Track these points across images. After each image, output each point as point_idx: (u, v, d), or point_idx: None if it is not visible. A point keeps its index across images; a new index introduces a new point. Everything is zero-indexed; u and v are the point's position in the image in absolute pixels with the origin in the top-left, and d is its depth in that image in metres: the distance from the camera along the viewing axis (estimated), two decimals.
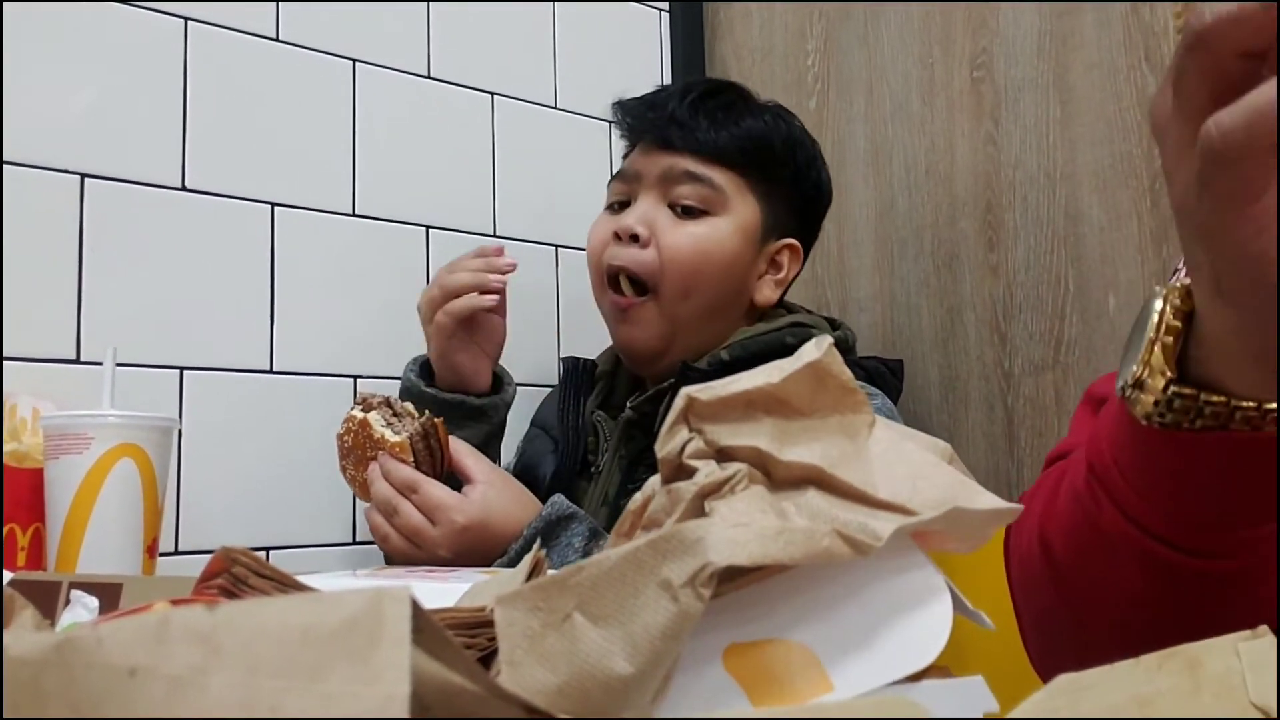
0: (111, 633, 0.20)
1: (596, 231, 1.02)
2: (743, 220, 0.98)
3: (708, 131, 0.97)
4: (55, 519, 0.80)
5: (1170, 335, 0.42)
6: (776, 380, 0.36)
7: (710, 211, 0.97)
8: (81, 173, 0.99)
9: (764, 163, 0.99)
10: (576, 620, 0.29)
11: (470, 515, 0.84)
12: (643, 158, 1.00)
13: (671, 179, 0.97)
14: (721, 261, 0.97)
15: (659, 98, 1.01)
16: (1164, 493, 0.45)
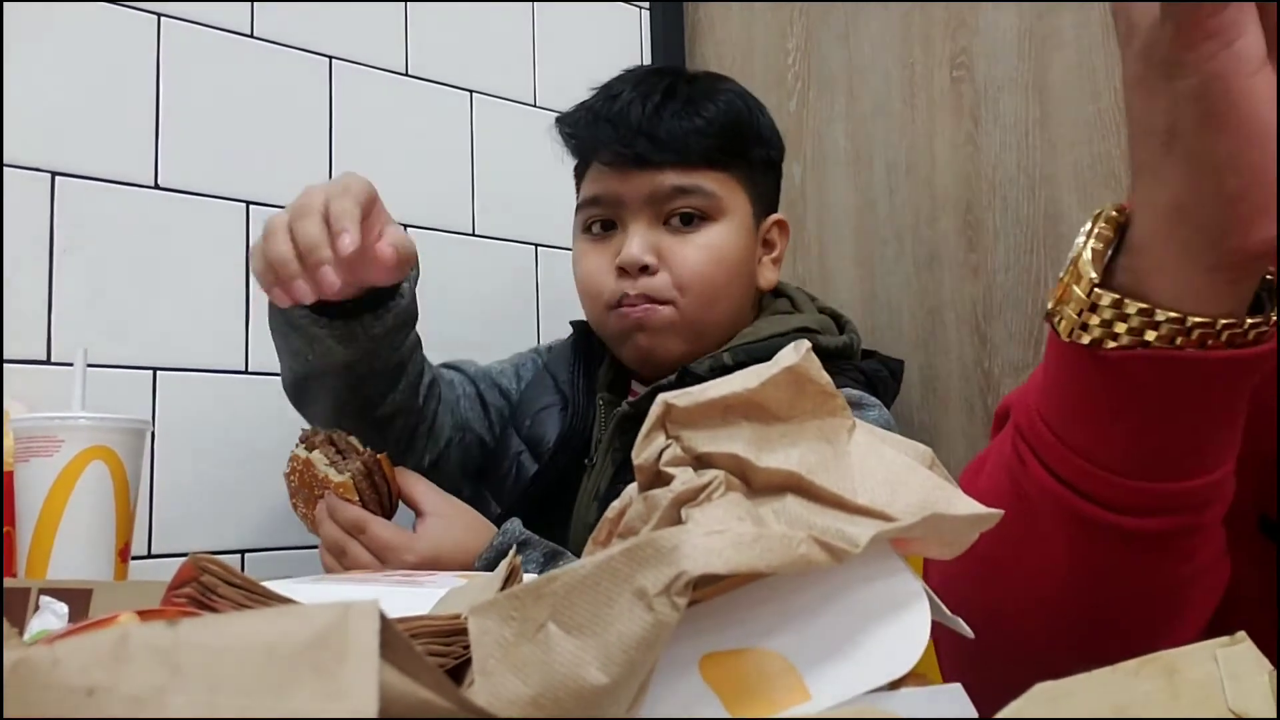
0: (68, 652, 0.19)
1: (590, 263, 0.97)
2: (740, 216, 0.96)
3: (683, 139, 0.92)
4: (26, 523, 0.79)
5: (1099, 242, 0.42)
6: (754, 385, 0.35)
7: (709, 217, 0.94)
8: (52, 170, 0.98)
9: (739, 149, 0.96)
10: (550, 630, 0.28)
11: (420, 553, 0.83)
12: (619, 180, 0.94)
13: (661, 198, 0.93)
14: (734, 264, 0.95)
15: (613, 110, 0.94)
16: (1089, 433, 0.43)
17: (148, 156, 1.03)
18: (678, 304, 0.93)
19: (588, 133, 0.97)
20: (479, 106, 1.27)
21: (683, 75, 0.99)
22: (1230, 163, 0.37)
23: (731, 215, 0.95)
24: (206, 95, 1.07)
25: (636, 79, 0.97)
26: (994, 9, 1.14)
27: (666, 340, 0.94)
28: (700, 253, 0.93)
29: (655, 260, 0.93)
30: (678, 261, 0.93)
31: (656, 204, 0.94)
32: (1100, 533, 0.44)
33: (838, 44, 1.28)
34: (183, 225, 1.05)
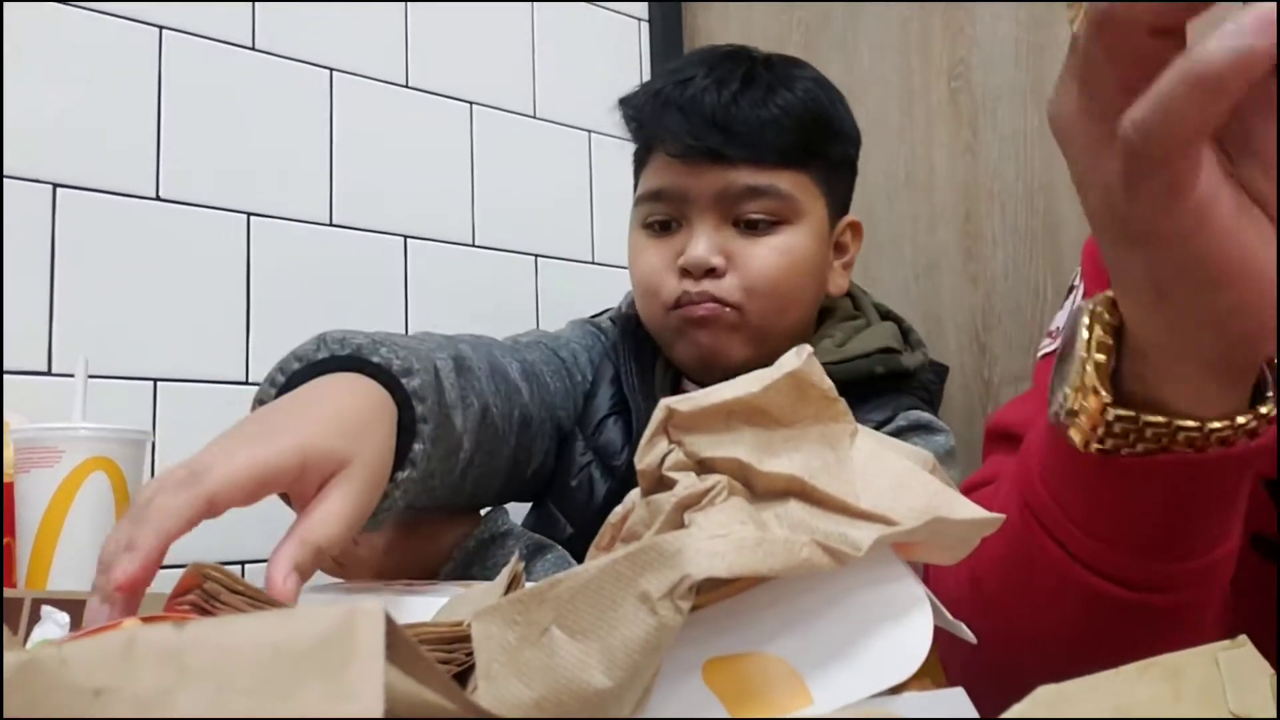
0: (76, 653, 0.19)
1: (649, 261, 0.90)
2: (815, 220, 0.89)
3: (760, 133, 0.85)
4: (26, 534, 0.79)
5: (1102, 353, 0.40)
6: (756, 390, 0.36)
7: (783, 220, 0.87)
8: (54, 182, 0.98)
9: (818, 147, 0.89)
10: (554, 633, 0.29)
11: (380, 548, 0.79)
12: (686, 173, 0.87)
13: (731, 198, 0.86)
14: (808, 271, 0.89)
15: (684, 96, 0.86)
16: (1109, 524, 0.43)
17: (149, 168, 1.04)
18: (744, 308, 0.87)
19: (654, 119, 0.88)
20: (479, 118, 1.27)
21: (759, 59, 0.90)
22: (1232, 314, 0.35)
23: (806, 219, 0.88)
24: (208, 107, 1.08)
25: (711, 62, 0.89)
26: (992, 18, 1.14)
27: (729, 342, 0.88)
28: (772, 256, 0.86)
29: (723, 262, 0.86)
30: (747, 264, 0.86)
31: (727, 203, 0.86)
32: (1111, 603, 0.45)
33: (836, 52, 1.29)
34: (184, 237, 1.05)
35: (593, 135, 1.36)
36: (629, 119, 0.92)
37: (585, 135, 1.36)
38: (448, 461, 0.70)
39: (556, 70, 1.35)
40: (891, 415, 0.87)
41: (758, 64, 0.90)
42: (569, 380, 0.93)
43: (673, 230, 0.89)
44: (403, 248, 1.20)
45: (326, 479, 0.55)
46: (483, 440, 0.75)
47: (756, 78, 0.87)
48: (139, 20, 1.04)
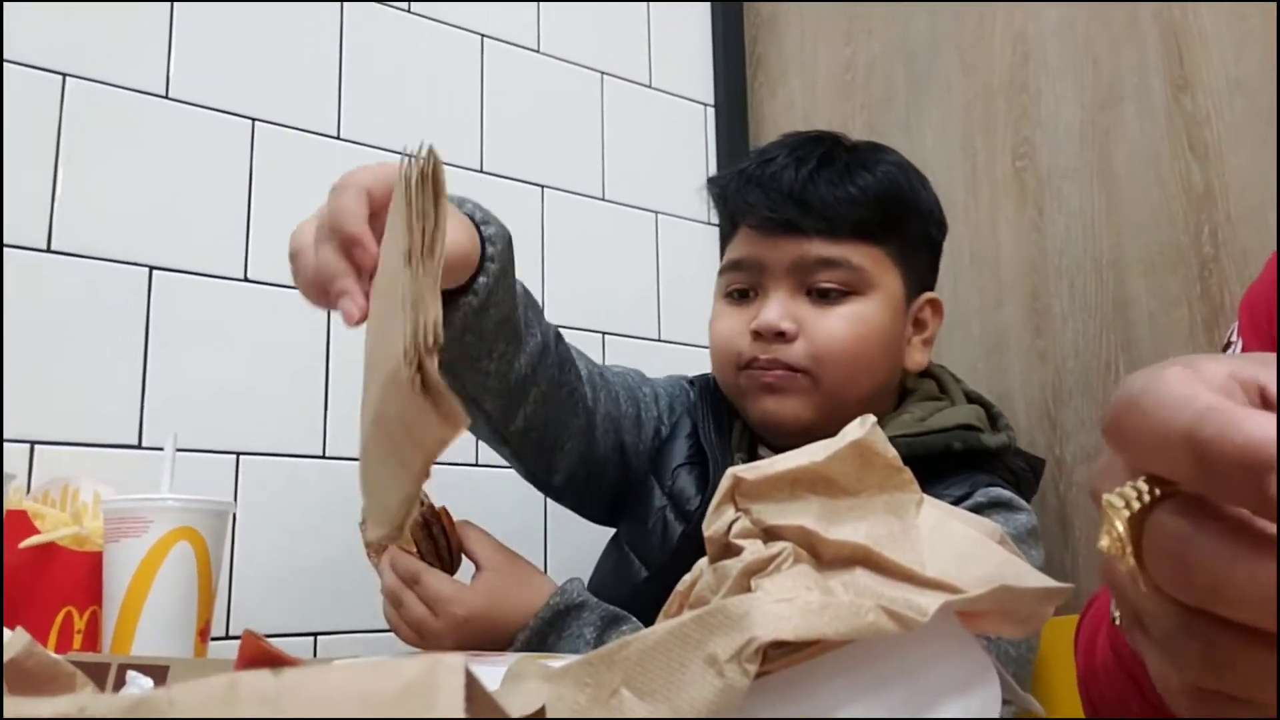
0: (183, 695, 0.20)
1: (725, 325, 0.94)
2: (889, 293, 0.91)
3: (834, 208, 0.88)
4: (112, 601, 0.81)
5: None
6: (821, 459, 0.36)
7: (855, 292, 0.90)
8: (150, 265, 1.04)
9: (894, 224, 0.92)
10: (624, 695, 0.29)
11: (471, 607, 0.82)
12: (764, 244, 0.91)
13: (805, 268, 0.89)
14: (879, 342, 0.90)
15: (765, 173, 0.91)
16: None
17: (239, 250, 1.09)
18: (813, 373, 0.89)
19: (737, 195, 0.93)
20: (550, 200, 1.31)
21: (843, 143, 0.95)
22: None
23: (879, 291, 0.91)
24: (294, 193, 1.13)
25: (794, 144, 0.94)
26: (1056, 100, 1.15)
27: (797, 407, 0.90)
28: (841, 324, 0.89)
29: (793, 327, 0.89)
30: (816, 331, 0.89)
31: (800, 273, 0.90)
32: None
33: (900, 134, 1.31)
34: (268, 316, 1.09)
35: (659, 216, 1.39)
36: (716, 197, 0.97)
37: (653, 216, 1.39)
38: (505, 327, 0.79)
39: (625, 154, 1.39)
40: (969, 492, 0.87)
41: (841, 147, 0.94)
42: (639, 409, 0.99)
43: (750, 299, 0.93)
44: None
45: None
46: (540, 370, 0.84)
47: (835, 158, 0.92)
48: (233, 113, 1.10)
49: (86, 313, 1.00)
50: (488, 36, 1.30)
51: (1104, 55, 1.12)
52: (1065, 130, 1.14)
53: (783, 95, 1.47)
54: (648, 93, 1.43)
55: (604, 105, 1.38)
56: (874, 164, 0.92)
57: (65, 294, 0.99)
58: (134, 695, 0.20)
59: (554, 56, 1.35)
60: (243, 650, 0.44)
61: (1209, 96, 1.02)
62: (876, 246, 0.91)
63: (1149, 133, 1.07)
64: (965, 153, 1.24)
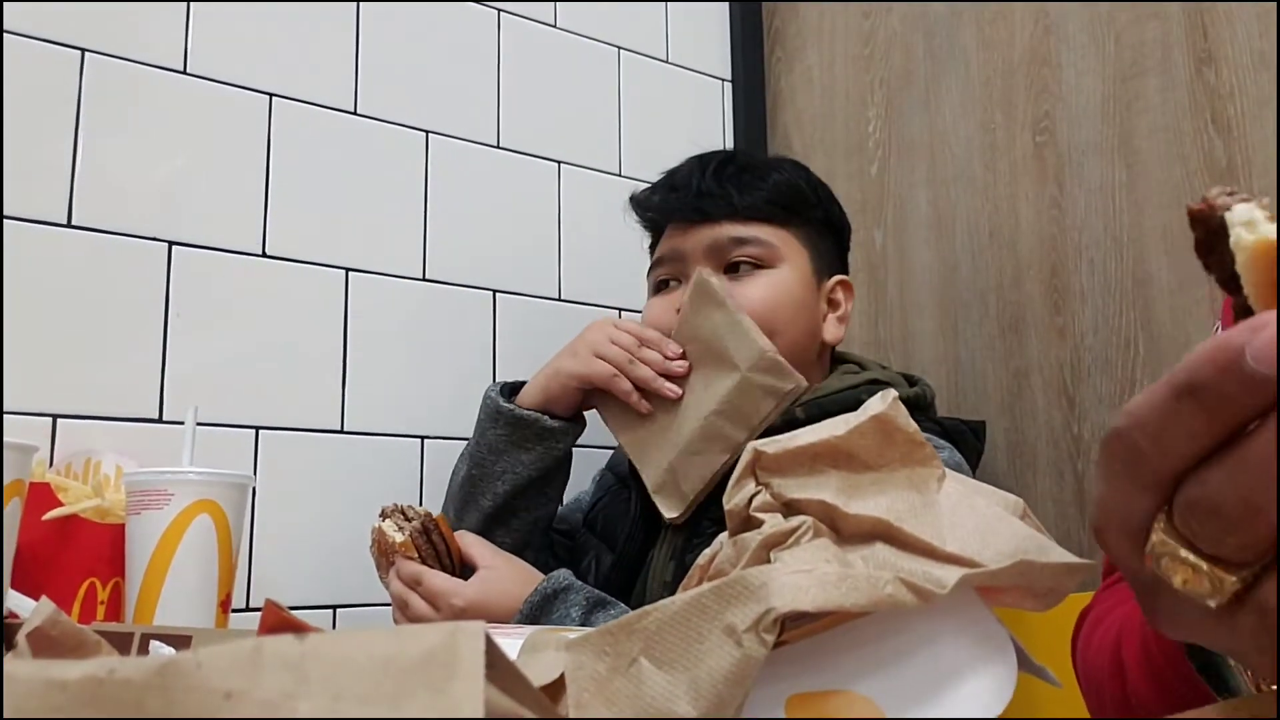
0: (210, 658, 0.21)
1: (655, 312, 1.04)
2: (796, 265, 1.00)
3: (741, 196, 1.00)
4: (135, 573, 0.83)
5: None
6: (842, 433, 0.36)
7: (767, 265, 0.99)
8: (170, 240, 1.04)
9: (798, 209, 1.02)
10: (642, 664, 0.30)
11: (468, 598, 0.88)
12: (681, 236, 1.02)
13: (719, 248, 1.00)
14: (792, 306, 0.99)
15: (676, 179, 1.04)
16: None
17: (257, 226, 1.09)
18: None
19: (657, 204, 1.05)
20: (566, 176, 1.31)
21: (750, 155, 1.07)
22: None
23: (789, 263, 1.00)
24: (312, 169, 1.13)
25: (708, 156, 1.05)
26: (1076, 75, 1.14)
27: None
28: (758, 291, 0.98)
29: None
30: (736, 302, 0.96)
31: (717, 253, 1.00)
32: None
33: (919, 110, 1.30)
34: (287, 291, 1.10)
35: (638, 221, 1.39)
36: (638, 212, 1.08)
37: None
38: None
39: (642, 130, 1.38)
40: None
41: (742, 154, 1.07)
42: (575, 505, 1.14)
43: (673, 287, 1.03)
44: (492, 301, 1.23)
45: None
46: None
47: (734, 159, 1.04)
48: (251, 88, 1.10)
49: (107, 288, 1.00)
50: (505, 11, 1.29)
51: (1126, 28, 1.10)
52: (1086, 105, 1.13)
53: (800, 70, 1.46)
54: (665, 68, 1.42)
55: (621, 81, 1.38)
56: (773, 166, 1.04)
57: (85, 269, 0.99)
58: (162, 657, 0.21)
59: (571, 31, 1.34)
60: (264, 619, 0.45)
61: (1233, 70, 1.01)
62: (782, 228, 1.01)
63: (1171, 107, 1.06)
64: (985, 127, 1.23)
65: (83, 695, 0.21)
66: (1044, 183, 1.16)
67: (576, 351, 1.00)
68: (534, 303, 1.26)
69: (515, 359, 1.24)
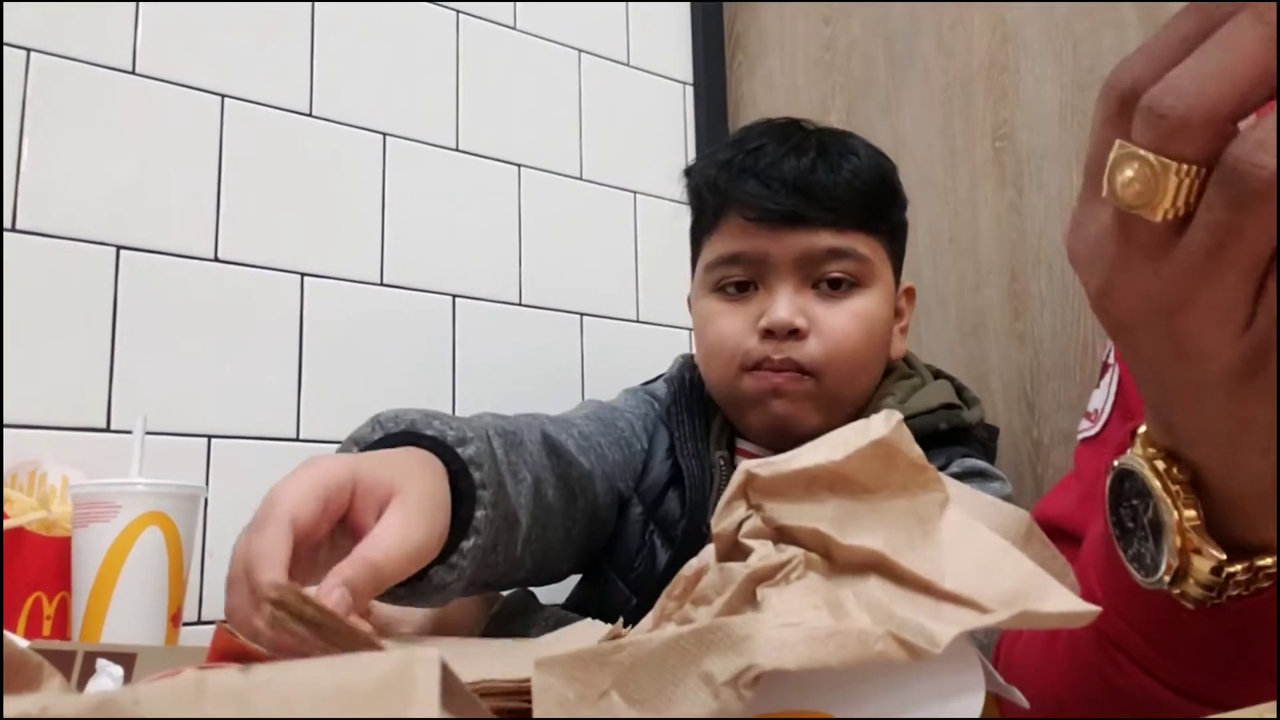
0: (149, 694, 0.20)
1: (727, 324, 0.90)
2: (886, 284, 0.91)
3: (840, 197, 0.87)
4: (81, 587, 0.80)
5: (1191, 508, 0.38)
6: (840, 458, 0.34)
7: (860, 283, 0.89)
8: (118, 244, 1.02)
9: (886, 212, 0.91)
10: (614, 698, 0.29)
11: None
12: (766, 237, 0.87)
13: (813, 260, 0.87)
14: (881, 338, 0.90)
15: (759, 164, 0.88)
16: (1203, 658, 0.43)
17: (209, 230, 1.07)
18: (822, 375, 0.87)
19: (731, 186, 0.88)
20: (526, 180, 1.30)
21: (815, 130, 0.92)
22: None
23: (879, 282, 0.90)
24: (265, 172, 1.11)
25: (775, 133, 0.91)
26: (1035, 81, 1.15)
27: (804, 411, 0.87)
28: (852, 322, 0.87)
29: (806, 323, 0.87)
30: (829, 329, 0.87)
31: (807, 266, 0.87)
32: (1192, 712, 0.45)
33: (879, 116, 1.30)
34: (240, 297, 1.08)
35: (638, 196, 1.38)
36: (702, 187, 0.92)
37: (630, 196, 1.38)
38: (510, 534, 0.69)
39: (603, 133, 1.37)
40: (946, 464, 0.86)
41: (821, 134, 0.91)
42: (627, 450, 0.93)
43: (749, 293, 0.90)
44: (451, 306, 1.22)
45: (382, 505, 0.57)
46: (538, 514, 0.74)
47: (827, 147, 0.89)
48: (202, 89, 1.08)
49: (53, 293, 0.97)
50: (464, 13, 1.28)
51: (1084, 37, 1.11)
52: (1045, 111, 1.14)
53: (762, 74, 1.46)
54: (626, 71, 1.42)
55: (582, 84, 1.37)
56: (857, 150, 0.90)
57: (31, 274, 0.97)
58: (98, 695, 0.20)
59: (531, 34, 1.33)
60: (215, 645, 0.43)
61: None
62: (873, 236, 0.89)
63: None
64: (944, 133, 1.23)
65: None
66: (1003, 188, 1.17)
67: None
68: (494, 308, 1.24)
69: (475, 365, 1.22)
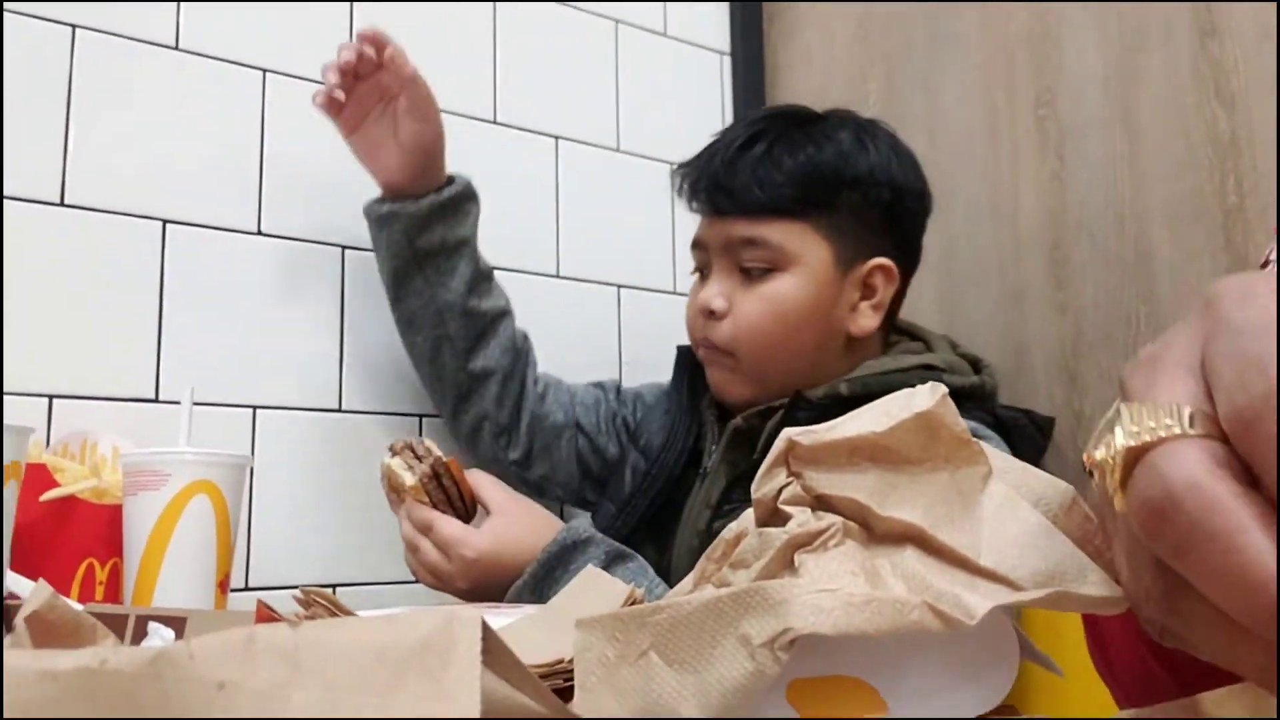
0: (202, 648, 0.20)
1: (690, 303, 1.03)
2: (812, 265, 0.95)
3: (752, 190, 0.94)
4: (132, 554, 0.82)
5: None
6: (882, 429, 0.34)
7: (778, 268, 0.95)
8: (164, 218, 1.03)
9: (818, 198, 0.95)
10: (652, 658, 0.29)
11: (479, 549, 0.87)
12: (706, 226, 1.00)
13: (731, 246, 0.97)
14: (798, 314, 0.95)
15: (703, 160, 0.99)
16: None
17: (252, 204, 1.08)
18: (736, 354, 0.97)
19: (684, 179, 1.01)
20: (564, 151, 1.30)
21: (785, 125, 0.98)
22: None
23: (802, 266, 0.95)
24: (306, 147, 1.12)
25: (736, 131, 0.99)
26: (1078, 49, 1.13)
27: (731, 383, 0.99)
28: (759, 304, 0.95)
29: (725, 306, 0.97)
30: (739, 311, 0.96)
31: (730, 251, 0.97)
32: None
33: (918, 86, 1.29)
34: (283, 269, 1.09)
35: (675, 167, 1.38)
36: (678, 186, 1.03)
37: (667, 168, 1.37)
38: (463, 252, 1.06)
39: (640, 104, 1.37)
40: None
41: (783, 122, 0.98)
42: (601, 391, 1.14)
43: (705, 276, 1.01)
44: None
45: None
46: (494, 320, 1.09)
47: (762, 137, 0.96)
48: (245, 64, 1.09)
49: (101, 267, 0.99)
50: None
51: (1128, 2, 1.09)
52: (1088, 78, 1.12)
53: (799, 44, 1.45)
54: (663, 41, 1.41)
55: (618, 54, 1.36)
56: (809, 141, 0.95)
57: (79, 248, 0.99)
58: (154, 648, 0.21)
59: (567, 3, 1.33)
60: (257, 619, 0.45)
61: (1237, 43, 1.00)
62: (798, 221, 0.95)
63: (1174, 80, 1.05)
64: (985, 102, 1.21)
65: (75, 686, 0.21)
66: (1045, 158, 1.15)
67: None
68: (532, 279, 1.25)
69: None
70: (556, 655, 0.38)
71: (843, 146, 0.96)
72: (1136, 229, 1.07)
